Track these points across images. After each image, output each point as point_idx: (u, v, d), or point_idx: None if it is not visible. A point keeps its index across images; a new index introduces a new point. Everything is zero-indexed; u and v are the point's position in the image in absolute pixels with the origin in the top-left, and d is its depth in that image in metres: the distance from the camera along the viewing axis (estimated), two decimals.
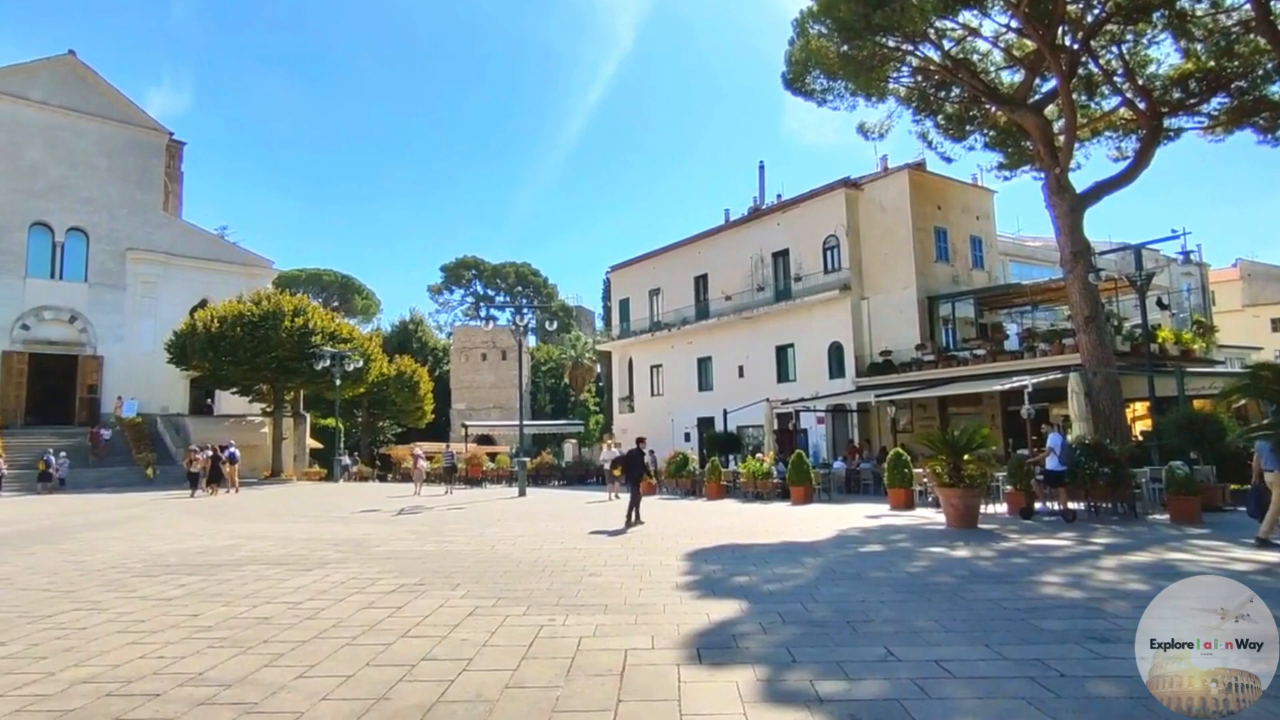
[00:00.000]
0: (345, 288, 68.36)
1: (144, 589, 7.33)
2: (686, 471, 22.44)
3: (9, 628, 5.79)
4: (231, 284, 37.88)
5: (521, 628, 5.43)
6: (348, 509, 17.45)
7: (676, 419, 34.77)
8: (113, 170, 36.96)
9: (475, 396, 57.64)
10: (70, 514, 16.99)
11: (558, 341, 62.74)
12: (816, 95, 19.64)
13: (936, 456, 12.20)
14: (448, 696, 3.96)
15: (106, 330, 35.97)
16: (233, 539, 11.48)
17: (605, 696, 3.92)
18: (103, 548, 10.79)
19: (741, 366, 32.09)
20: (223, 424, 35.89)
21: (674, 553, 9.19)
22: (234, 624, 5.74)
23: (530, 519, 14.30)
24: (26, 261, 34.53)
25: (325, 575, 7.90)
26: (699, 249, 35.41)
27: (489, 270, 76.42)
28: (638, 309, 38.89)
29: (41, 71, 35.68)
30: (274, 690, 4.13)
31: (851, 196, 28.35)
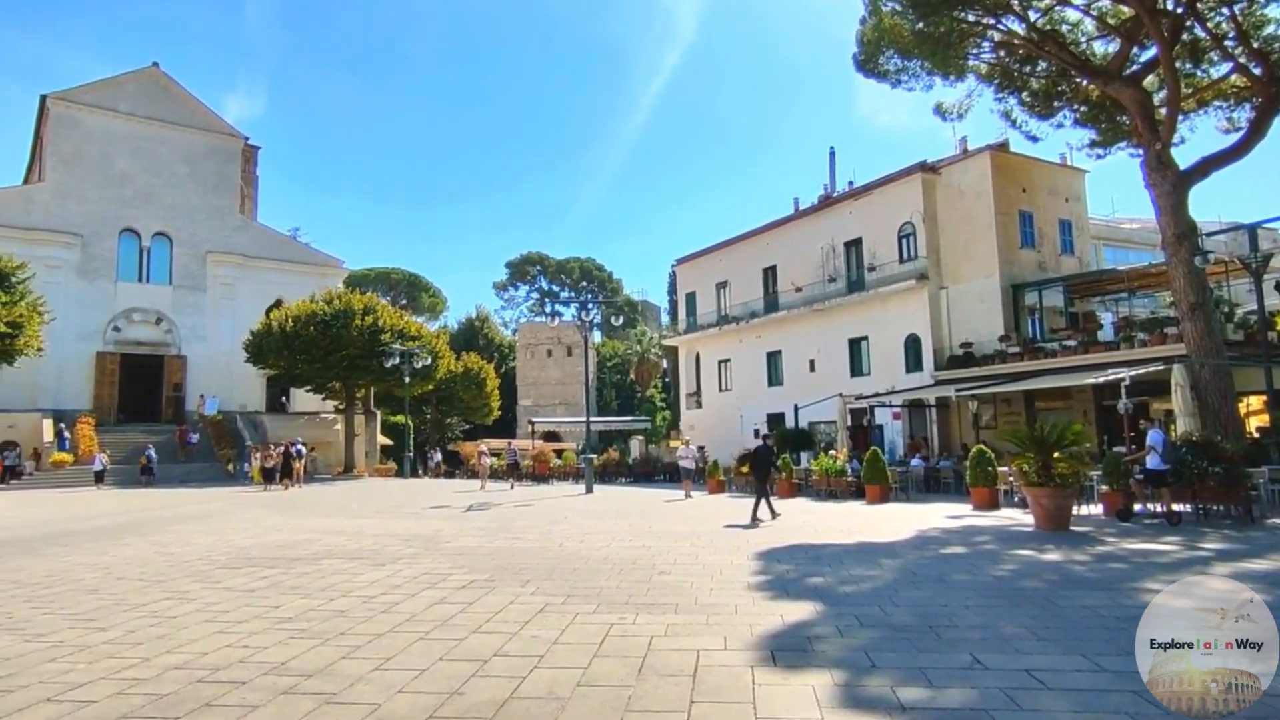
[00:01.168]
0: (413, 286, 69.71)
1: (228, 580, 7.62)
2: None
3: (109, 614, 6.10)
4: (304, 284, 39.43)
5: (592, 625, 5.38)
6: (418, 505, 17.83)
7: (745, 415, 34.30)
8: (193, 176, 38.98)
9: (541, 393, 58.24)
10: (160, 507, 18.00)
11: (623, 337, 62.81)
12: (890, 76, 18.95)
13: (1023, 454, 11.59)
14: (520, 693, 3.95)
15: (189, 331, 38.02)
16: (309, 533, 11.87)
17: (678, 697, 3.83)
18: (190, 540, 11.34)
19: (813, 360, 31.42)
20: (297, 421, 37.34)
21: (744, 552, 9.01)
22: (312, 616, 5.88)
23: (598, 516, 14.32)
24: (117, 266, 36.82)
25: (398, 570, 8.04)
26: (767, 240, 34.81)
27: (554, 266, 76.93)
28: (704, 303, 38.53)
29: (128, 84, 37.94)
30: (352, 682, 4.19)
31: (928, 181, 27.32)
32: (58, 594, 7.11)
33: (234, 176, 40.77)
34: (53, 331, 30.32)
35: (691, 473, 20.42)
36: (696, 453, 20.83)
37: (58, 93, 36.22)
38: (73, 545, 11.01)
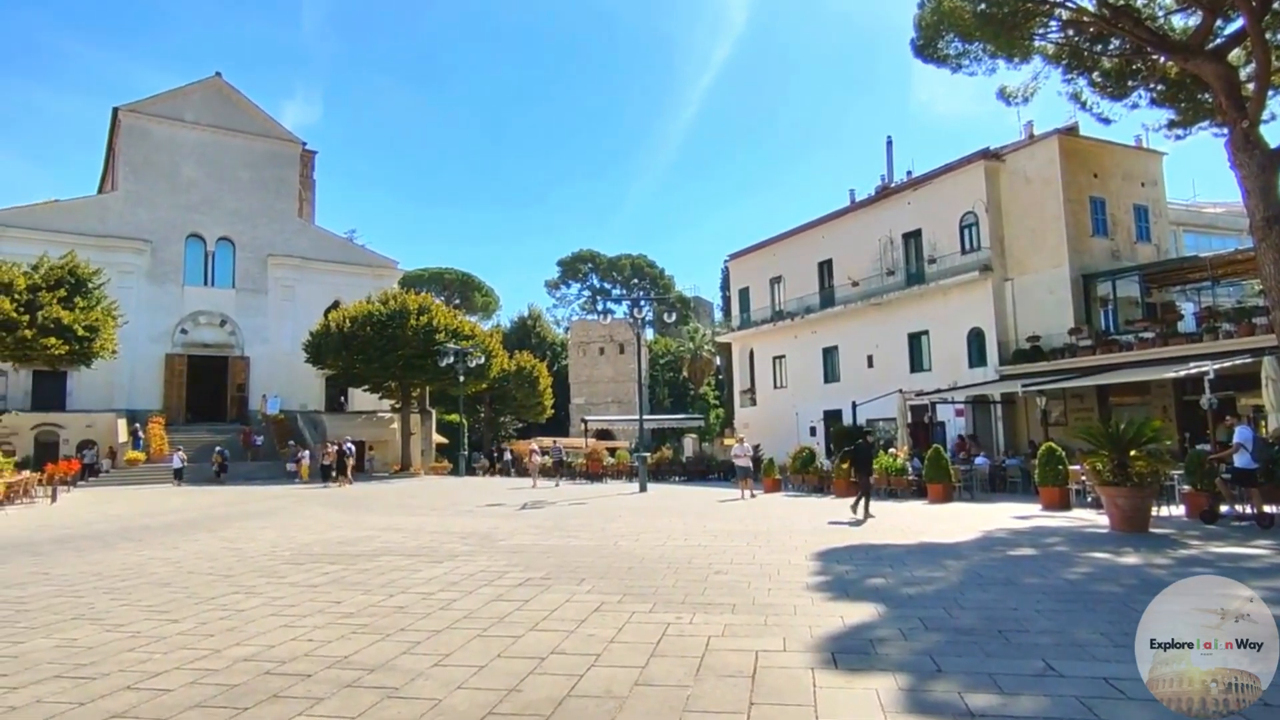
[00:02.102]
0: (465, 285, 70.52)
1: (292, 576, 7.84)
2: (812, 467, 21.73)
3: (181, 607, 6.35)
4: (361, 285, 40.48)
5: (648, 625, 5.34)
6: (473, 503, 18.07)
7: (801, 412, 33.85)
8: (254, 181, 40.33)
9: (593, 391, 58.37)
10: (226, 505, 18.71)
11: (675, 334, 62.61)
12: (950, 61, 18.29)
13: (1097, 452, 11.08)
14: (577, 691, 3.95)
15: (252, 332, 39.30)
16: (368, 530, 12.13)
17: (737, 698, 3.78)
18: (255, 536, 11.75)
19: (870, 356, 30.76)
20: (355, 420, 38.26)
21: (802, 551, 8.86)
22: (373, 612, 5.99)
23: (652, 515, 14.28)
24: (184, 270, 38.32)
25: (455, 567, 8.14)
26: (822, 233, 34.21)
27: (605, 263, 77.05)
28: (758, 298, 38.10)
29: (193, 94, 39.49)
30: (412, 677, 4.25)
31: (992, 169, 26.41)
32: (134, 586, 7.43)
33: (293, 181, 42.00)
34: (125, 334, 31.70)
35: (749, 471, 19.94)
36: (753, 450, 20.38)
37: (128, 104, 37.88)
38: (147, 540, 11.52)
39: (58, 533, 13.30)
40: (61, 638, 5.35)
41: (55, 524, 15.08)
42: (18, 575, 8.39)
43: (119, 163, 38.14)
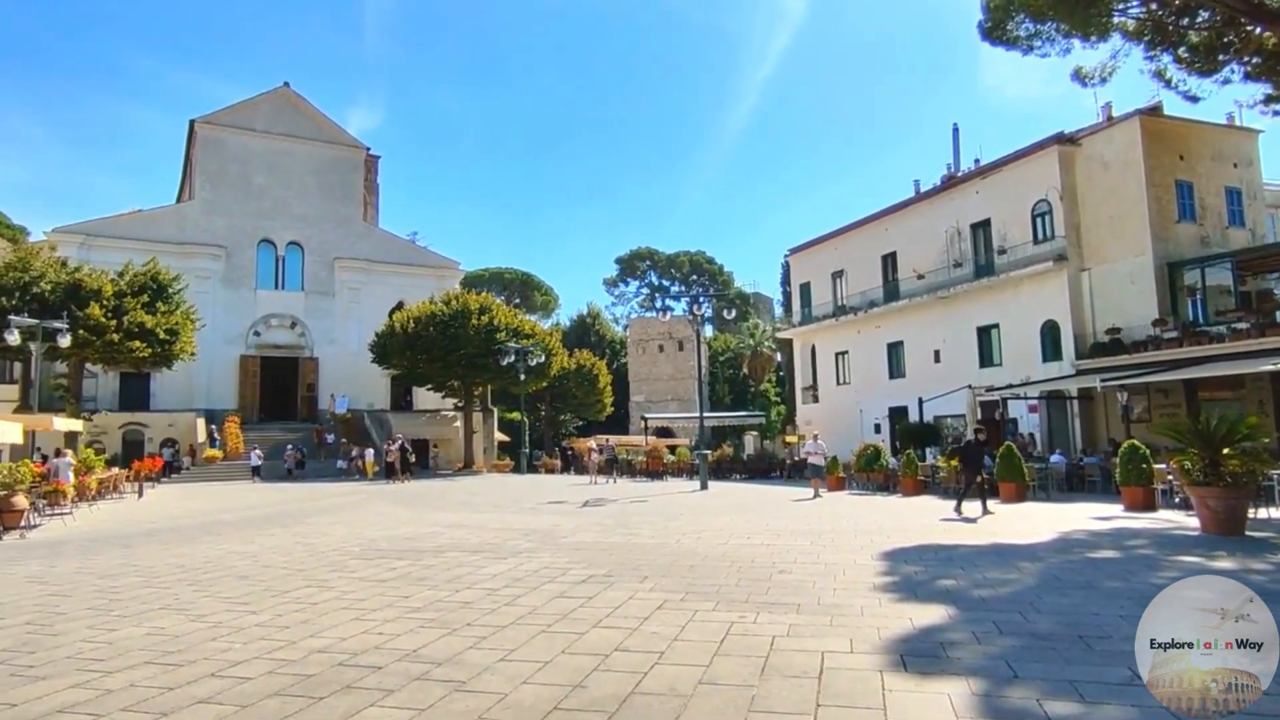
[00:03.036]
0: (525, 284, 71.44)
1: (362, 570, 8.06)
2: (878, 465, 21.25)
3: (259, 599, 6.60)
4: (424, 286, 41.42)
5: (711, 624, 5.30)
6: (534, 500, 18.26)
7: (865, 409, 33.15)
8: (321, 187, 41.73)
9: (653, 389, 58.36)
10: (299, 500, 19.42)
11: (735, 330, 62.07)
12: (1021, 43, 17.57)
13: (1185, 450, 10.47)
14: (642, 689, 3.94)
15: (320, 334, 40.67)
16: (433, 527, 12.38)
17: (803, 699, 3.71)
18: (326, 532, 12.13)
19: (937, 351, 29.90)
20: (420, 418, 39.24)
21: (868, 551, 8.65)
22: (440, 606, 6.11)
23: (714, 513, 14.18)
24: (256, 275, 39.98)
25: (519, 564, 8.23)
26: (885, 225, 33.42)
27: (663, 260, 76.88)
28: (820, 293, 37.49)
29: (263, 104, 41.07)
30: (479, 671, 4.31)
31: (1066, 154, 25.31)
32: (215, 579, 7.78)
33: (358, 186, 43.32)
34: (203, 337, 33.31)
35: (822, 470, 19.22)
36: (825, 448, 19.69)
37: (203, 117, 39.70)
38: (225, 535, 12.06)
39: (145, 526, 14.10)
40: (151, 626, 5.63)
41: (142, 518, 15.99)
42: (111, 566, 8.91)
43: (196, 173, 40.02)
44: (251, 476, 29.11)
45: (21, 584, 7.87)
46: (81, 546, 11.12)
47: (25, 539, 12.62)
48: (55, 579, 8.11)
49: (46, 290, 26.77)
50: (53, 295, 26.64)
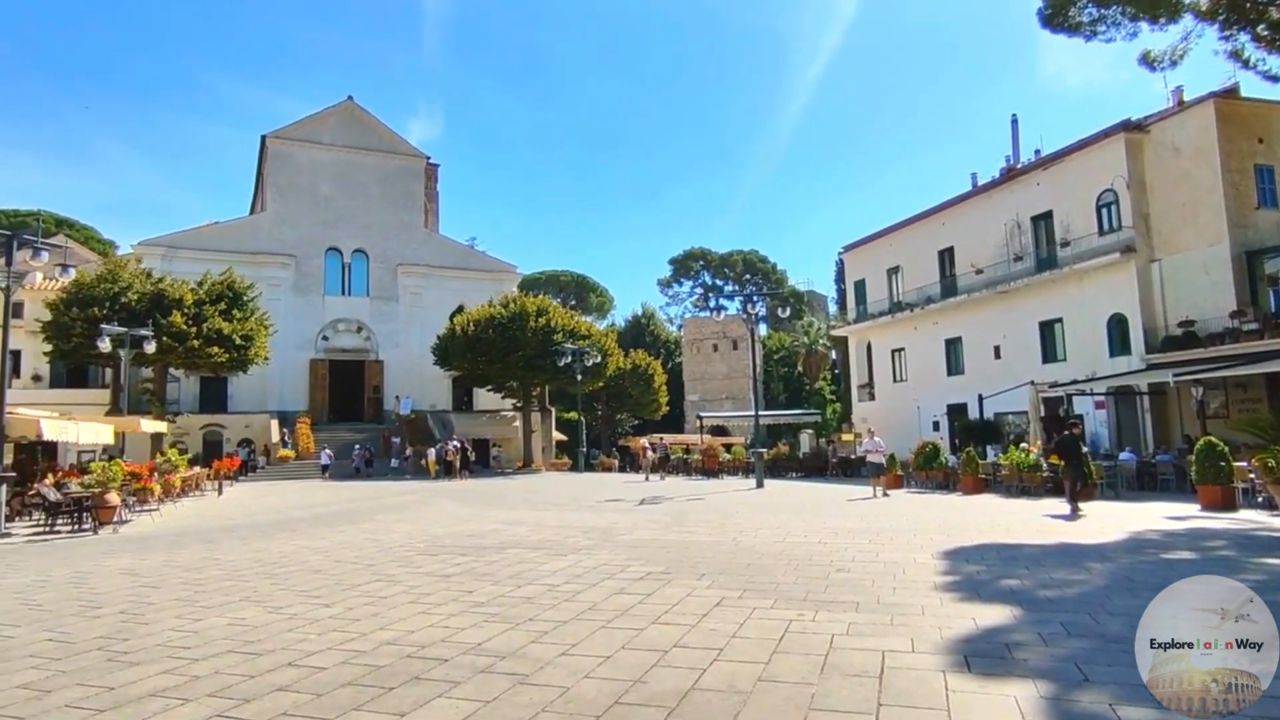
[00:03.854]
0: (581, 287, 72.45)
1: (427, 566, 8.30)
2: (938, 463, 20.81)
3: (331, 593, 6.88)
4: (483, 290, 42.49)
5: (770, 621, 5.31)
6: (592, 498, 18.46)
7: (923, 406, 32.47)
8: (384, 196, 43.15)
9: (708, 388, 58.33)
10: (366, 498, 20.03)
11: (789, 329, 61.56)
12: (1084, 29, 16.93)
13: (1269, 447, 9.99)
14: (701, 685, 3.97)
15: (385, 337, 41.97)
16: (495, 524, 12.64)
17: (863, 698, 3.68)
18: (392, 528, 12.50)
19: (997, 347, 29.09)
20: (480, 419, 40.32)
21: (928, 550, 8.51)
22: (502, 601, 6.25)
23: (770, 511, 14.11)
24: (324, 281, 41.54)
25: (578, 560, 8.36)
26: (942, 220, 32.66)
27: (716, 260, 76.80)
28: (875, 290, 36.87)
29: (329, 118, 42.69)
30: (541, 665, 4.41)
31: (1134, 141, 24.30)
32: (290, 573, 8.13)
33: (418, 194, 44.73)
34: (276, 342, 34.80)
35: (881, 468, 18.62)
36: (884, 445, 19.10)
37: (273, 132, 41.50)
38: (299, 531, 12.58)
39: (224, 523, 14.82)
40: (232, 617, 5.93)
41: (222, 515, 16.78)
42: (195, 560, 9.41)
43: (267, 185, 41.85)
44: (322, 474, 30.26)
45: (115, 576, 8.38)
46: (168, 541, 11.77)
47: (118, 533, 13.48)
48: (145, 571, 8.61)
49: (133, 300, 28.43)
50: (139, 305, 28.28)
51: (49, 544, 12.32)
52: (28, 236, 15.23)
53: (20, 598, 7.24)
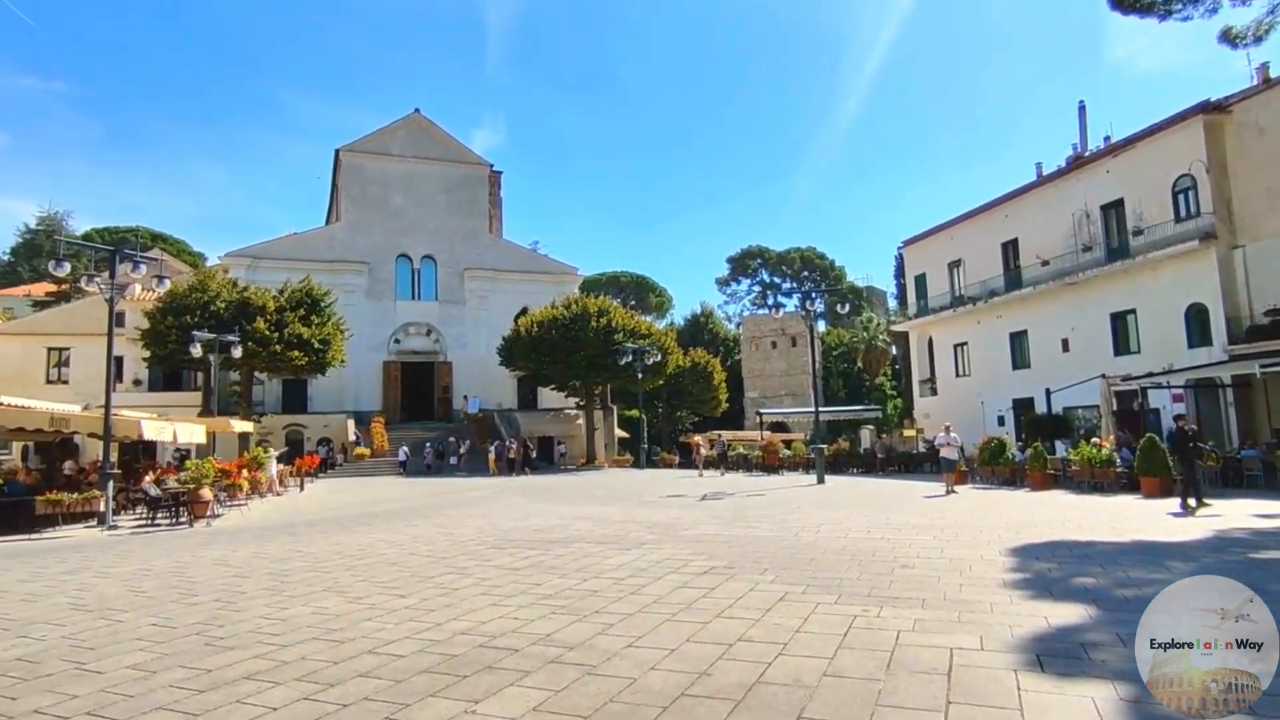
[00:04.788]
0: (640, 287, 73.23)
1: (497, 559, 8.54)
2: (1004, 458, 20.23)
3: (407, 584, 7.16)
4: (545, 291, 43.48)
5: (834, 616, 5.31)
6: (654, 494, 18.58)
7: (987, 401, 31.62)
8: (450, 203, 44.62)
9: (766, 384, 58.13)
10: (437, 494, 20.59)
11: (849, 325, 60.65)
12: (1157, 8, 16.14)
13: None
14: (766, 678, 4.00)
15: (453, 339, 43.37)
16: (560, 519, 12.87)
17: (932, 696, 3.65)
18: (464, 523, 12.87)
19: (1065, 340, 28.11)
20: (545, 417, 41.09)
21: (996, 546, 8.34)
22: (569, 594, 6.41)
23: (832, 507, 13.97)
24: (395, 287, 43.18)
25: (642, 555, 8.47)
26: (1005, 212, 31.71)
27: (774, 258, 76.55)
28: (936, 284, 36.04)
29: (398, 130, 44.35)
30: (608, 656, 4.52)
31: (1213, 123, 23.07)
32: (368, 565, 8.47)
33: (483, 200, 46.12)
34: (351, 346, 36.43)
35: (954, 463, 17.64)
36: (959, 440, 18.17)
37: (346, 145, 43.41)
38: (375, 525, 13.05)
39: (306, 517, 15.50)
40: (316, 606, 6.25)
41: (304, 509, 17.57)
42: (281, 552, 9.91)
43: (342, 196, 43.72)
44: (399, 469, 31.61)
45: (210, 566, 8.91)
46: (256, 534, 12.44)
47: (211, 527, 14.32)
48: (236, 562, 9.11)
49: (221, 308, 30.21)
50: (226, 312, 30.02)
51: (151, 536, 13.21)
52: (129, 251, 16.42)
53: (128, 585, 7.79)
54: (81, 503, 14.70)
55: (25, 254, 62.13)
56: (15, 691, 4.29)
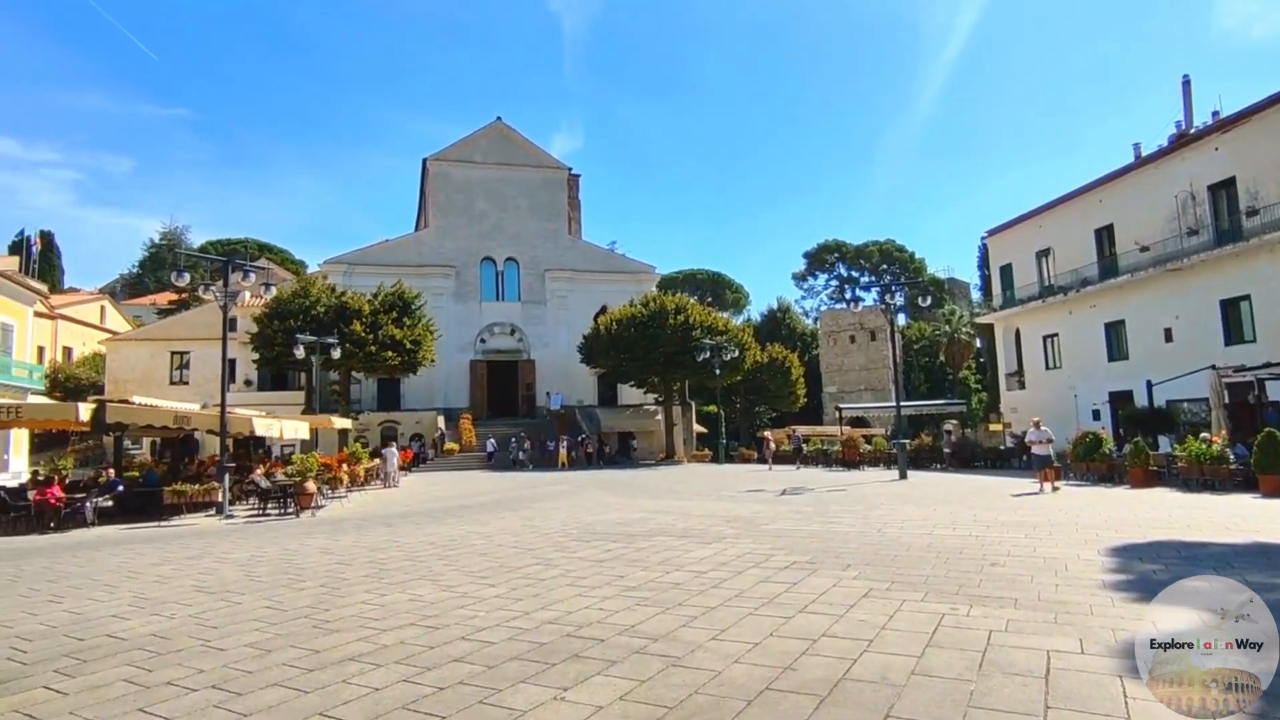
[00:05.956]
0: (716, 284, 73.55)
1: (580, 551, 8.75)
2: (1100, 454, 19.24)
3: (495, 574, 7.43)
4: (623, 290, 44.37)
5: (921, 614, 5.21)
6: (734, 489, 18.57)
7: (1080, 394, 30.14)
8: (531, 207, 45.99)
9: (845, 379, 57.42)
10: (521, 487, 21.15)
11: (930, 317, 58.95)
12: None
13: None
14: (852, 675, 3.96)
15: (535, 338, 44.69)
16: (641, 513, 13.04)
17: (1028, 699, 3.53)
18: (548, 516, 13.23)
19: (1168, 329, 26.46)
20: (624, 413, 41.89)
21: (1094, 546, 7.96)
22: (652, 586, 6.51)
23: (916, 503, 13.64)
24: (480, 289, 44.83)
25: (723, 549, 8.51)
26: (1099, 196, 30.09)
27: (851, 252, 75.46)
28: (1023, 274, 34.61)
29: (481, 139, 46.04)
30: (692, 649, 4.57)
31: None
32: (459, 555, 8.82)
33: (562, 203, 47.37)
34: (440, 346, 38.15)
35: (1049, 459, 16.68)
36: (1051, 435, 17.07)
37: (433, 155, 45.34)
38: (465, 517, 13.58)
39: (401, 509, 16.24)
40: (412, 594, 6.56)
41: (399, 501, 18.40)
42: (378, 542, 10.43)
43: (429, 204, 45.74)
44: (487, 461, 32.92)
45: (315, 554, 9.49)
46: (356, 524, 13.14)
47: (315, 517, 15.22)
48: (338, 550, 9.67)
49: (321, 312, 32.10)
50: (326, 316, 31.87)
51: (262, 524, 14.14)
52: (239, 261, 17.86)
53: (244, 570, 8.40)
54: (202, 494, 16.20)
55: (151, 266, 68.05)
56: (151, 664, 4.73)
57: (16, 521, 14.56)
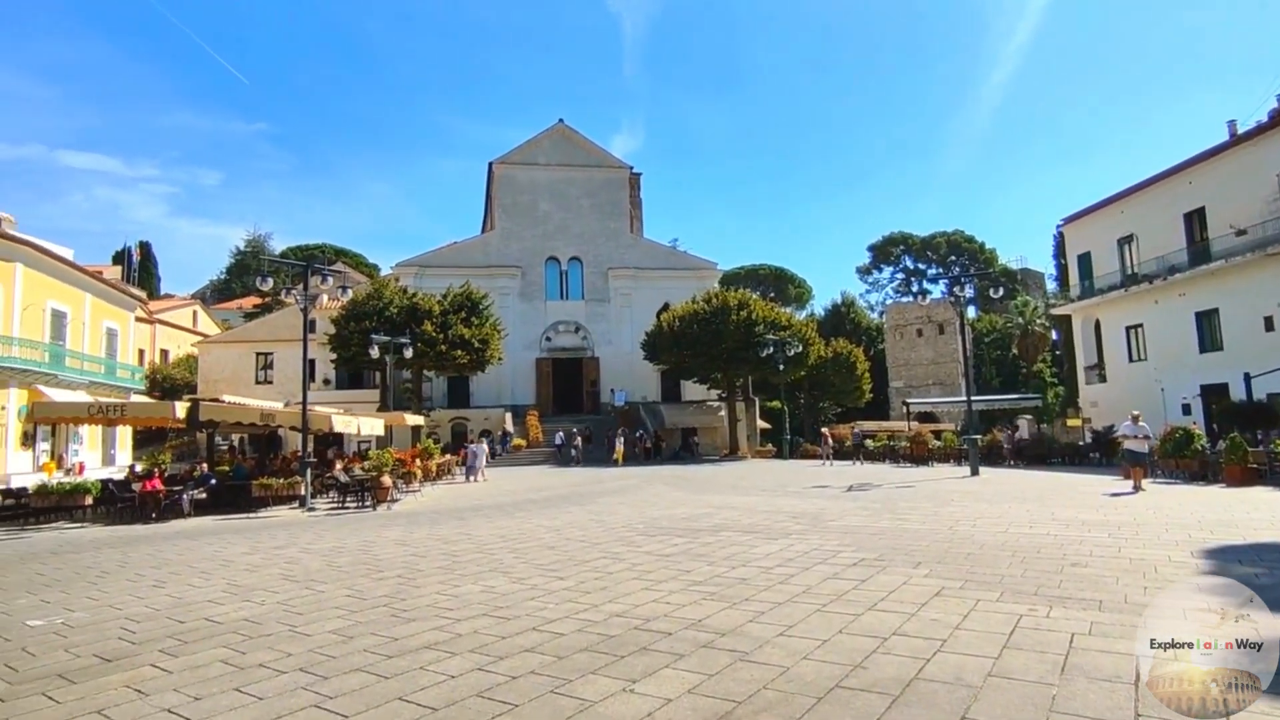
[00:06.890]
0: (779, 279, 72.82)
1: (647, 545, 8.82)
2: (1191, 450, 18.21)
3: (564, 567, 7.56)
4: (686, 287, 44.30)
5: (996, 615, 5.05)
6: (799, 484, 18.40)
7: (1168, 388, 28.60)
8: (593, 207, 46.57)
9: (912, 374, 56.13)
10: (587, 483, 21.42)
11: (1002, 309, 56.99)
12: None
13: None
14: (925, 675, 3.89)
15: (599, 336, 45.25)
16: (706, 508, 13.05)
17: (1116, 705, 3.38)
18: (614, 510, 13.37)
19: (1269, 318, 24.86)
20: (688, 409, 41.95)
21: (1186, 547, 7.54)
22: (719, 581, 6.52)
23: (989, 500, 13.20)
24: (544, 288, 45.65)
25: (789, 545, 8.45)
26: (1189, 178, 28.46)
27: (918, 244, 73.87)
28: (1102, 263, 33.06)
29: (544, 141, 46.82)
30: (760, 644, 4.56)
31: None
32: (528, 548, 9.02)
33: (624, 202, 47.83)
34: (507, 345, 39.03)
35: (1142, 457, 15.68)
36: (1149, 430, 16.06)
37: (498, 158, 46.31)
38: (533, 511, 13.86)
39: (471, 503, 16.70)
40: (484, 585, 6.74)
41: (469, 496, 18.92)
42: (451, 534, 10.77)
43: (495, 206, 46.77)
44: (557, 453, 33.64)
45: (391, 545, 9.85)
46: (429, 518, 13.57)
47: (390, 510, 15.80)
48: (413, 543, 10.01)
49: (394, 313, 33.38)
50: (398, 317, 33.11)
51: (341, 517, 14.78)
52: (318, 266, 18.98)
53: (326, 560, 8.80)
54: (286, 487, 17.03)
55: (237, 272, 72.58)
56: (244, 646, 5.03)
57: (123, 511, 15.75)
